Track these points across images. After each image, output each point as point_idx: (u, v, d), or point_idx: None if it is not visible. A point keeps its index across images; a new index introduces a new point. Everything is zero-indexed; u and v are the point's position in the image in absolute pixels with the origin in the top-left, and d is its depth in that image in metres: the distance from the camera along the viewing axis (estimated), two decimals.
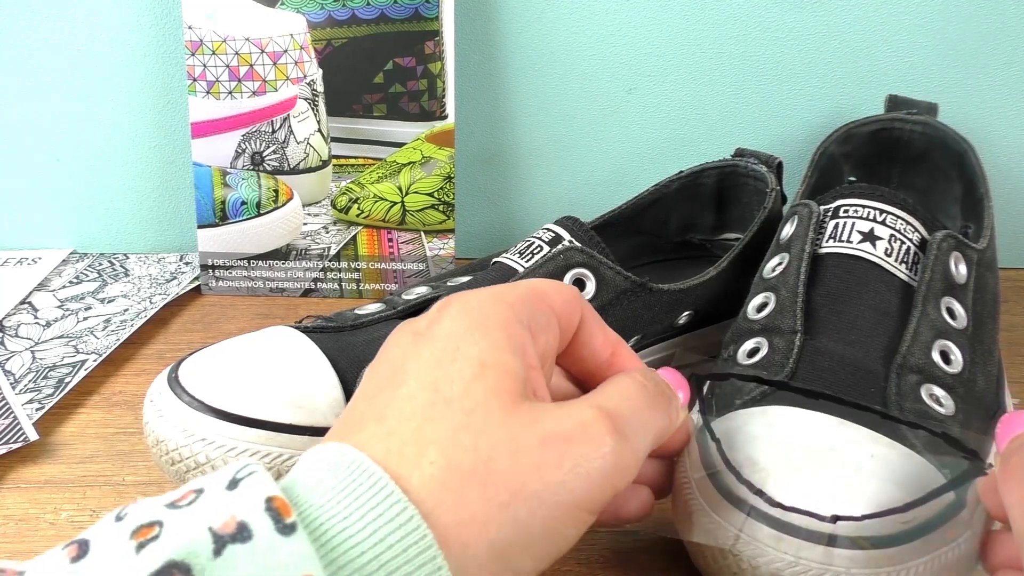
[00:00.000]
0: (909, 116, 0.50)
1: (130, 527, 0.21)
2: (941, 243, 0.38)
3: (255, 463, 0.23)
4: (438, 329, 0.27)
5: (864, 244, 0.38)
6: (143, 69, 0.61)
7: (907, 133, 0.50)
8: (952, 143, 0.49)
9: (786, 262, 0.39)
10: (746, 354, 0.37)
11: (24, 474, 0.42)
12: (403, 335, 0.28)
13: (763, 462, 0.31)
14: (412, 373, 0.26)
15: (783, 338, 0.36)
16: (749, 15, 0.60)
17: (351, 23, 0.57)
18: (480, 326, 0.27)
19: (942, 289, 0.37)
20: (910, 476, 0.30)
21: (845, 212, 0.40)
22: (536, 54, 0.61)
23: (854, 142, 0.51)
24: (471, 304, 0.28)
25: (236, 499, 0.22)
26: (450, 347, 0.26)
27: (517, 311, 0.28)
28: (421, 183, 0.58)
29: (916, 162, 0.51)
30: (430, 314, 0.28)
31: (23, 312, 0.56)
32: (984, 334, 0.38)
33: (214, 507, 0.21)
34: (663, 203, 0.53)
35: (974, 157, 0.47)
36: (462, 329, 0.27)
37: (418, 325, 0.28)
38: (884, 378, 0.34)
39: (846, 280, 0.38)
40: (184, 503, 0.22)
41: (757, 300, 0.39)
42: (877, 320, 0.37)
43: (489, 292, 0.28)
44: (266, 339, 0.41)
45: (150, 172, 0.64)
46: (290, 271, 0.60)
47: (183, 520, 0.21)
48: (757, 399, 0.35)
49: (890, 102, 0.53)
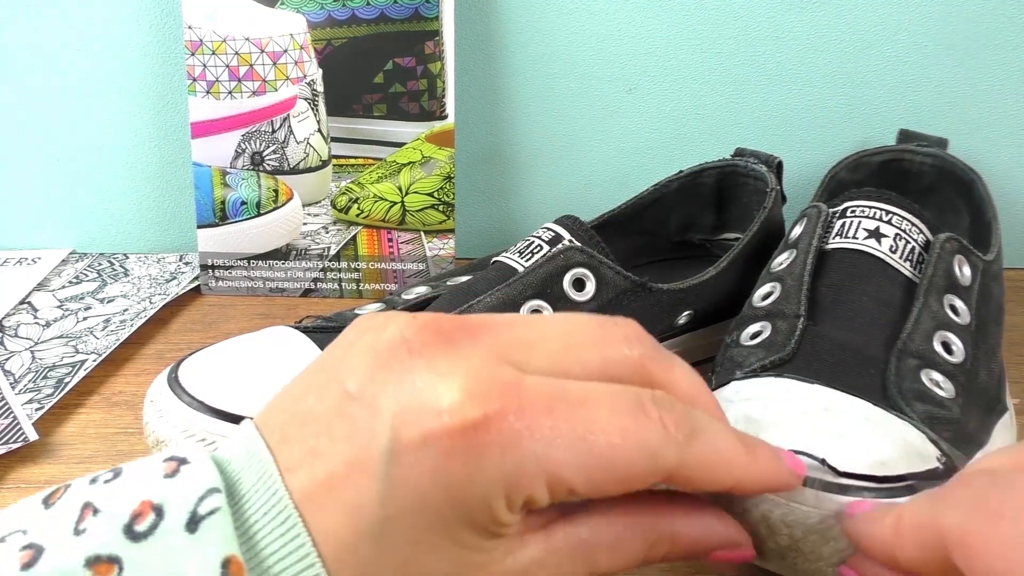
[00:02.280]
0: (919, 148, 0.51)
1: (86, 552, 0.20)
2: (944, 244, 0.38)
3: (216, 478, 0.22)
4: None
5: (869, 240, 0.39)
6: (143, 69, 0.61)
7: (917, 165, 0.51)
8: (961, 174, 0.49)
9: (793, 256, 0.40)
10: (749, 336, 0.38)
11: (24, 474, 0.42)
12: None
13: (757, 416, 0.31)
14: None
15: (786, 321, 0.37)
16: (749, 15, 0.60)
17: (351, 23, 0.57)
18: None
19: (945, 286, 0.37)
20: (903, 440, 0.31)
21: (852, 212, 0.40)
22: (536, 54, 0.61)
23: (864, 171, 0.51)
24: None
25: (193, 555, 0.20)
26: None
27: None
28: (421, 183, 0.58)
29: (926, 194, 0.51)
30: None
31: (23, 312, 0.56)
32: (988, 338, 0.39)
33: (172, 559, 0.20)
34: (663, 203, 0.53)
35: (982, 186, 0.48)
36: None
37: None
38: (884, 363, 0.35)
39: (851, 272, 0.39)
40: (142, 528, 0.21)
41: (763, 290, 0.40)
42: (880, 310, 0.37)
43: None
44: (266, 339, 0.41)
45: (150, 172, 0.64)
46: (290, 271, 0.60)
47: (140, 568, 0.20)
48: (757, 372, 0.35)
49: (901, 135, 0.54)
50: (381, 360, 0.23)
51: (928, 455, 0.31)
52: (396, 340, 0.23)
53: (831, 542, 0.28)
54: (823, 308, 0.38)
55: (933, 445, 0.31)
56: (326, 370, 0.24)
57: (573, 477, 0.22)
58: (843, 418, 0.31)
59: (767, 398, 0.33)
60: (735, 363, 0.37)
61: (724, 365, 0.38)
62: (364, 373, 0.23)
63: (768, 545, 0.29)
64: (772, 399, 0.32)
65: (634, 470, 0.23)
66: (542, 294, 0.41)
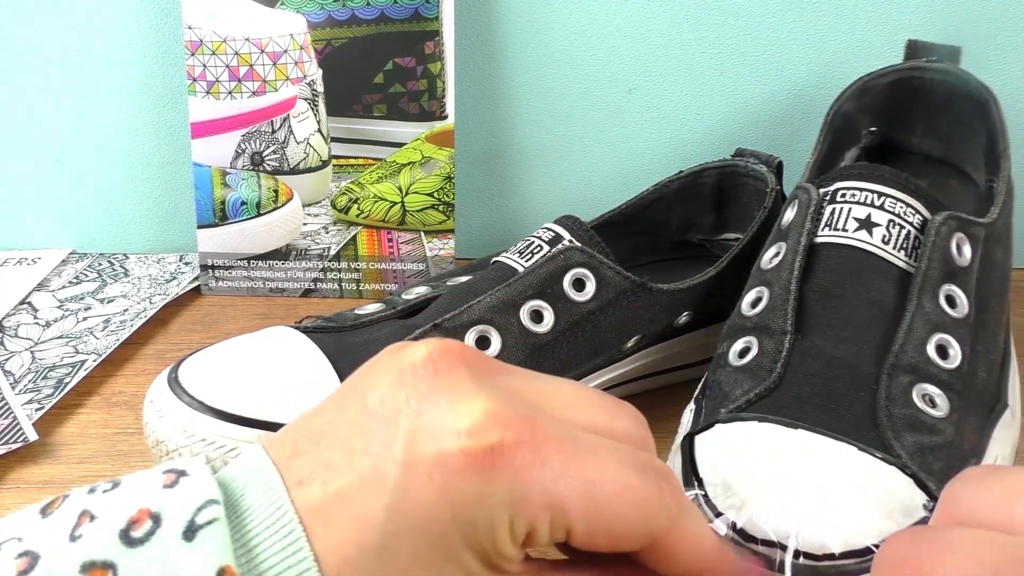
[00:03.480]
0: (929, 64, 0.48)
1: (82, 557, 0.20)
2: (940, 227, 0.36)
3: (215, 490, 0.22)
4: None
5: (860, 232, 0.37)
6: (143, 69, 0.61)
7: (927, 82, 0.48)
8: (975, 93, 0.46)
9: (783, 253, 0.39)
10: (737, 354, 0.37)
11: (24, 474, 0.42)
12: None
13: (737, 487, 0.30)
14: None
15: (773, 339, 0.36)
16: (749, 15, 0.60)
17: (351, 23, 0.57)
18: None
19: (941, 277, 0.36)
20: (889, 495, 0.30)
21: (842, 197, 0.38)
22: (536, 54, 0.61)
23: (871, 95, 0.48)
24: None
25: (189, 564, 0.20)
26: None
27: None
28: (421, 183, 0.58)
29: (939, 111, 0.48)
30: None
31: (23, 312, 0.56)
32: (988, 318, 0.37)
33: (167, 564, 0.20)
34: (663, 203, 0.53)
35: (996, 109, 0.45)
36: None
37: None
38: (875, 379, 0.34)
39: (840, 273, 0.37)
40: (139, 535, 0.21)
41: (752, 295, 0.39)
42: (872, 316, 0.36)
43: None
44: (266, 339, 0.41)
45: (150, 172, 0.64)
46: (290, 271, 0.60)
47: (135, 572, 0.20)
48: (743, 407, 0.34)
49: (909, 48, 0.50)
50: (406, 377, 0.23)
51: (914, 507, 0.30)
52: (422, 359, 0.23)
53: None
54: (812, 316, 0.36)
55: (922, 490, 0.30)
56: (348, 387, 0.24)
57: (574, 515, 0.23)
58: (824, 482, 0.30)
59: (749, 456, 0.32)
60: (722, 392, 0.36)
61: (712, 391, 0.37)
62: (386, 389, 0.23)
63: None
64: (752, 460, 0.31)
65: (630, 524, 0.24)
66: (542, 294, 0.41)
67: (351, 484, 0.22)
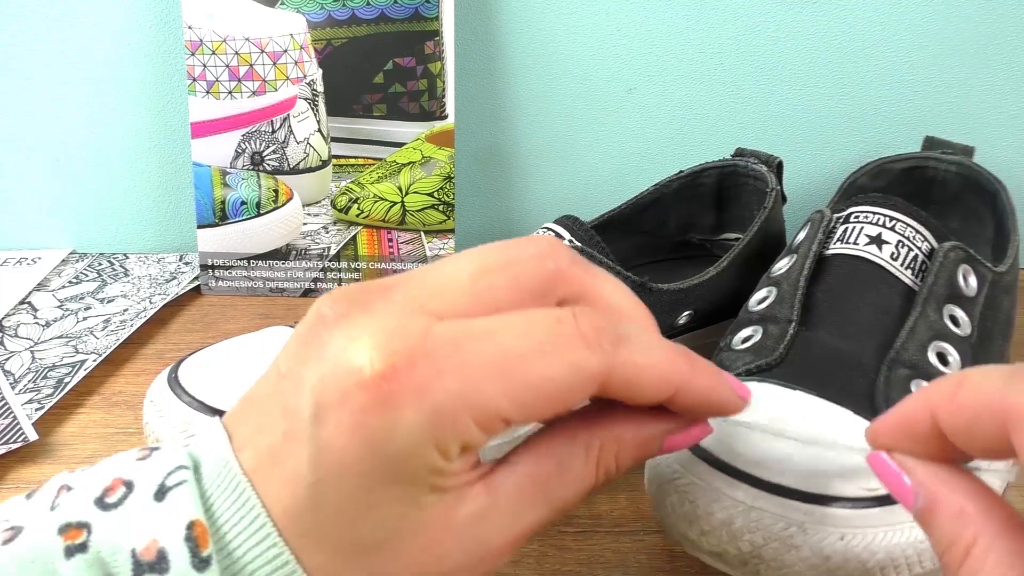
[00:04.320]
0: (944, 156, 0.50)
1: (59, 521, 0.22)
2: (948, 252, 0.37)
3: (185, 458, 0.23)
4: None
5: (870, 247, 0.38)
6: (143, 69, 0.61)
7: (941, 173, 0.50)
8: (986, 184, 0.48)
9: (792, 261, 0.40)
10: (740, 340, 0.38)
11: (24, 474, 0.42)
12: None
13: (741, 450, 0.31)
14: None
15: (778, 326, 0.37)
16: (749, 15, 0.60)
17: (351, 23, 0.57)
18: None
19: (946, 296, 0.37)
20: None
21: (855, 218, 0.40)
22: (536, 54, 0.61)
23: (886, 178, 0.50)
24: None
25: (161, 518, 0.22)
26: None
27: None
28: (421, 183, 0.58)
29: (950, 203, 0.50)
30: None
31: (23, 312, 0.56)
32: (991, 348, 0.38)
33: (139, 521, 0.22)
34: (663, 203, 0.53)
35: (1006, 197, 0.47)
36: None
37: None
38: (875, 370, 0.34)
39: (849, 278, 0.38)
40: (113, 500, 0.22)
41: (759, 294, 0.40)
42: (876, 318, 0.36)
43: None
44: (266, 339, 0.41)
45: (150, 172, 0.64)
46: (290, 271, 0.60)
47: (109, 530, 0.22)
48: (742, 375, 0.35)
49: (927, 143, 0.52)
50: (303, 338, 0.24)
51: None
52: (313, 318, 0.24)
53: (793, 550, 0.28)
54: (818, 314, 0.37)
55: None
56: (274, 360, 0.26)
57: (500, 406, 0.22)
58: (820, 430, 0.31)
59: (749, 427, 0.32)
60: (723, 366, 0.36)
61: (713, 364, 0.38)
62: (291, 353, 0.24)
63: (730, 551, 0.29)
64: (755, 427, 0.32)
65: (560, 384, 0.23)
66: None
67: (277, 444, 0.23)
